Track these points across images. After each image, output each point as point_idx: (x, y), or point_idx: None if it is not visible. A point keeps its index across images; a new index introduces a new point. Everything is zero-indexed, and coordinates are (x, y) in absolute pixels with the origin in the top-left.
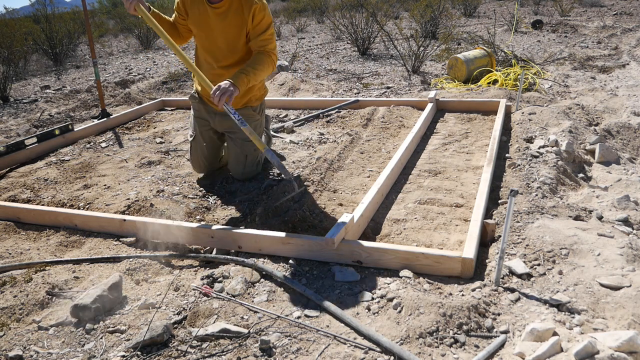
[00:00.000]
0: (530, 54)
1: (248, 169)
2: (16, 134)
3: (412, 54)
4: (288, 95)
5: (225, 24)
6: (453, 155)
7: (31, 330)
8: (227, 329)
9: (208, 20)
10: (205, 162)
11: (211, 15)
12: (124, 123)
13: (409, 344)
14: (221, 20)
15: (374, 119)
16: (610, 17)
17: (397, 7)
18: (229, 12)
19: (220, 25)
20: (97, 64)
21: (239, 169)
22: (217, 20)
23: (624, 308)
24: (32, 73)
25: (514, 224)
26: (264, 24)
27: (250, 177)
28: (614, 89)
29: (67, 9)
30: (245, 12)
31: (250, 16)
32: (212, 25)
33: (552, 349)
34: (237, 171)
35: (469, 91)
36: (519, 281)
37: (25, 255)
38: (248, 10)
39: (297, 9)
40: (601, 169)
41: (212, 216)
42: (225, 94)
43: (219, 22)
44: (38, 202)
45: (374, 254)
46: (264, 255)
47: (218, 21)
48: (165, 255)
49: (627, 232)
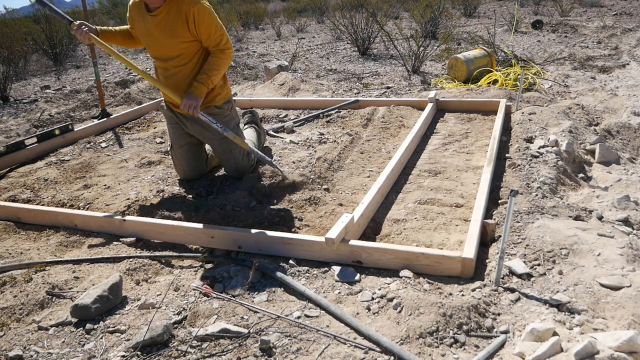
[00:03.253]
0: (530, 54)
1: (240, 163)
2: (16, 134)
3: (412, 54)
4: (288, 95)
5: (166, 29)
6: (453, 155)
7: (31, 330)
8: (227, 329)
9: (150, 28)
10: (188, 167)
11: (152, 24)
12: (124, 123)
13: (409, 344)
14: (162, 27)
15: (374, 119)
16: (610, 17)
17: (397, 7)
18: (168, 18)
19: (161, 32)
20: (97, 64)
21: (231, 166)
22: (158, 28)
23: (624, 308)
24: (32, 73)
25: (514, 224)
26: (206, 26)
27: (246, 171)
28: (614, 89)
29: (67, 9)
30: (185, 16)
31: (191, 20)
32: (153, 33)
33: (552, 349)
34: (231, 168)
35: (469, 91)
36: (519, 281)
37: (25, 255)
38: (188, 15)
39: (297, 9)
40: (601, 169)
41: (211, 216)
42: (192, 105)
43: (159, 30)
44: (38, 202)
45: (374, 254)
46: (264, 255)
47: (159, 29)
48: (165, 255)
49: (627, 232)
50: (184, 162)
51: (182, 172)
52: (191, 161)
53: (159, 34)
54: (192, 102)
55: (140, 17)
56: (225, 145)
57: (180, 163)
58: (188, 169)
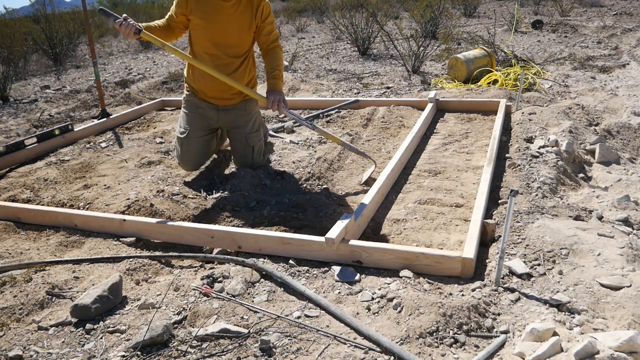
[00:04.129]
0: (530, 54)
1: (256, 160)
2: (16, 134)
3: (412, 54)
4: (288, 95)
5: (237, 16)
6: (453, 155)
7: (31, 330)
8: (227, 329)
9: (220, 12)
10: (200, 156)
11: (223, 8)
12: (124, 123)
13: (409, 344)
14: (232, 12)
15: (374, 119)
16: (610, 17)
17: (397, 7)
18: (239, 6)
19: (232, 17)
20: (97, 64)
21: (247, 161)
22: (229, 13)
23: (624, 308)
24: (32, 73)
25: (514, 224)
26: (270, 20)
27: (259, 166)
28: (614, 89)
29: (67, 9)
30: (254, 8)
31: (259, 12)
32: (223, 18)
33: (552, 349)
34: (246, 163)
35: (469, 91)
36: (519, 281)
37: (25, 255)
38: (258, 7)
39: (297, 9)
40: (601, 169)
41: (212, 216)
42: (278, 100)
43: (230, 15)
44: (38, 202)
45: (374, 254)
46: (264, 255)
47: (229, 13)
48: (165, 255)
49: (627, 232)
50: (196, 152)
51: (190, 164)
52: (204, 150)
53: (226, 19)
54: (277, 97)
55: (207, 1)
56: (250, 139)
57: (192, 152)
58: (199, 158)
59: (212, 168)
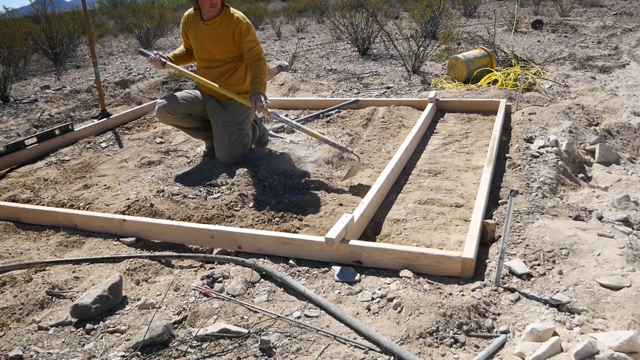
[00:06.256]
0: (530, 54)
1: (233, 148)
2: (16, 134)
3: (412, 54)
4: (288, 95)
5: (217, 36)
6: (453, 155)
7: (31, 330)
8: (227, 329)
9: (202, 35)
10: (178, 100)
11: (204, 31)
12: (124, 123)
13: (409, 344)
14: (213, 34)
15: (374, 119)
16: (610, 17)
17: (397, 7)
18: (220, 27)
19: (214, 37)
20: (97, 64)
21: (223, 148)
22: (211, 34)
23: (624, 308)
24: (32, 73)
25: (514, 224)
26: (249, 39)
27: (236, 157)
28: (614, 89)
29: (67, 9)
30: (232, 30)
31: (237, 33)
32: (204, 39)
33: (552, 349)
34: (222, 150)
35: (469, 91)
36: (519, 281)
37: (25, 255)
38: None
39: (297, 9)
40: (601, 169)
41: (211, 215)
42: (258, 100)
43: (212, 35)
44: (38, 202)
45: (374, 254)
46: (264, 255)
47: (210, 35)
48: (165, 255)
49: (627, 232)
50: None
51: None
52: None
53: (209, 40)
54: (258, 97)
55: (194, 25)
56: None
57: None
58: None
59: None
